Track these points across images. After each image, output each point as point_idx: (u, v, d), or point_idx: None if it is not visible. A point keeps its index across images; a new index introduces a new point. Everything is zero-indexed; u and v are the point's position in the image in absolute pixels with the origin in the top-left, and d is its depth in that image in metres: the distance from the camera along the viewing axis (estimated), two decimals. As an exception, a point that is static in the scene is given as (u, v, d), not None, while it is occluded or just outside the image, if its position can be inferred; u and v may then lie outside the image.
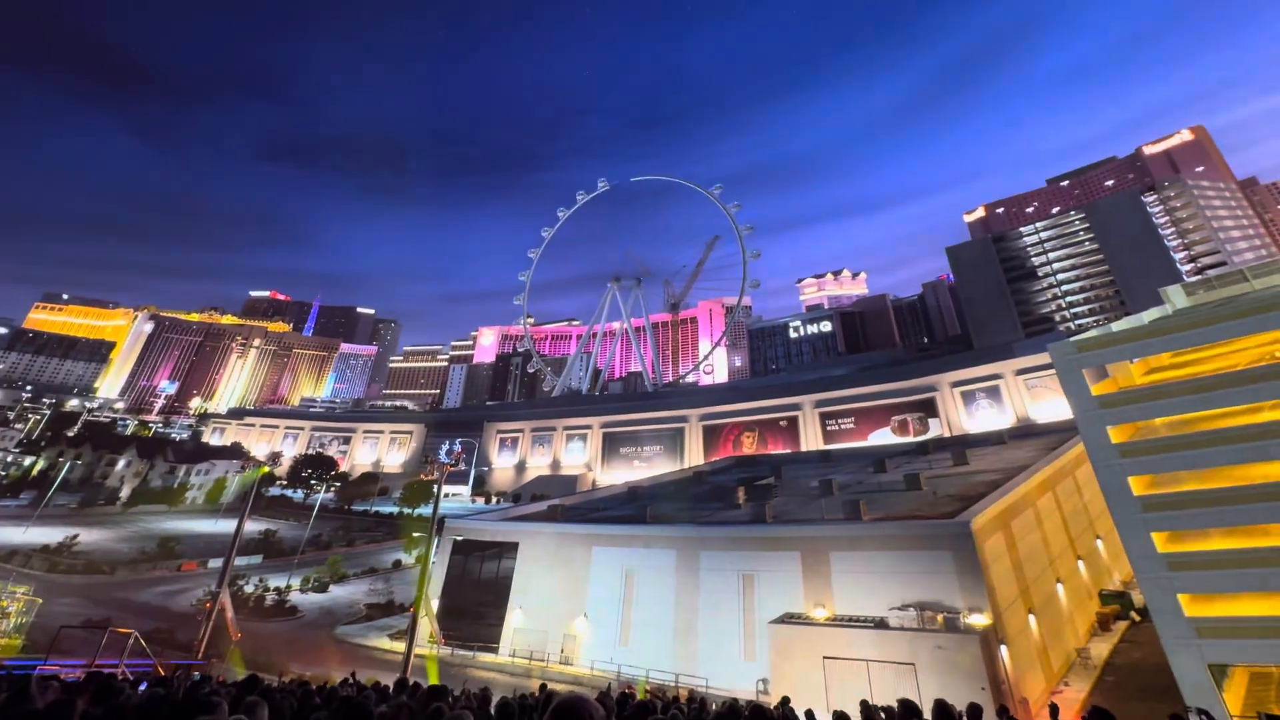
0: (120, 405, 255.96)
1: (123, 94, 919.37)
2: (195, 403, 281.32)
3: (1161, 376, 27.71)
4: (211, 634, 29.74)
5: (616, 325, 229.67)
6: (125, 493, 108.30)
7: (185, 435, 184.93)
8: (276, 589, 55.02)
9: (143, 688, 10.80)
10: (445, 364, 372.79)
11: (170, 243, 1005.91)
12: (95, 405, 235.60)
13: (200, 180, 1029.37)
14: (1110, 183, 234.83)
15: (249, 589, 54.00)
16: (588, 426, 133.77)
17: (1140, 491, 22.89)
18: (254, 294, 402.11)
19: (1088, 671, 30.00)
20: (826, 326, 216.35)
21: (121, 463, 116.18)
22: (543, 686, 22.51)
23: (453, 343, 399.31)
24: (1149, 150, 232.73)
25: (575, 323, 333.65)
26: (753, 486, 53.38)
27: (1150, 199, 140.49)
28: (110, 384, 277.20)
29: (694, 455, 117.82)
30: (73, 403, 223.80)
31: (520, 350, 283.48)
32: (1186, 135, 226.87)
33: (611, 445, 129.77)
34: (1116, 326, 27.38)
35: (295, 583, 59.33)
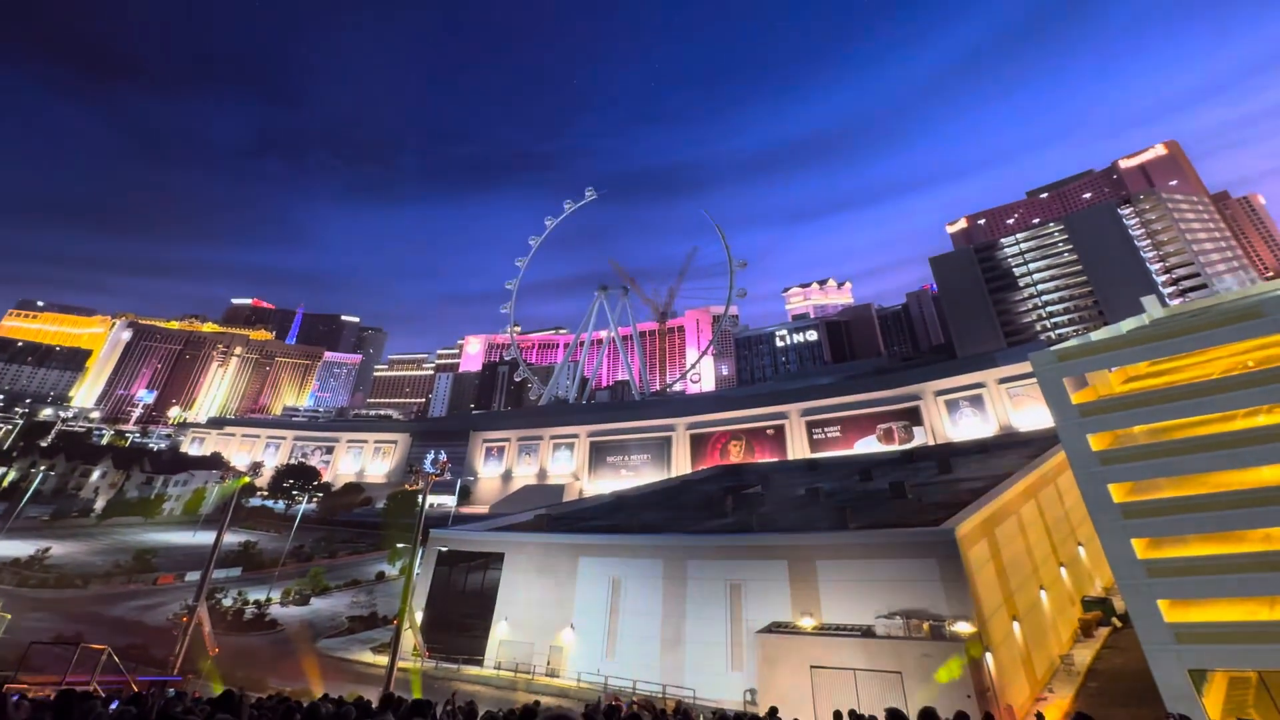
0: (96, 415, 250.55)
1: (101, 85, 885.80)
2: (174, 412, 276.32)
3: (1139, 385, 28.21)
4: (188, 649, 29.02)
5: (604, 334, 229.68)
6: (100, 504, 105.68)
7: (163, 445, 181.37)
8: (256, 602, 53.90)
9: (114, 706, 10.50)
10: (431, 373, 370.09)
11: (151, 241, 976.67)
12: (70, 415, 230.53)
13: (183, 176, 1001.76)
14: (1088, 195, 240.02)
15: (227, 602, 52.84)
16: (575, 436, 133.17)
17: (1120, 498, 23.22)
18: (236, 301, 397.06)
19: (1071, 678, 30.24)
20: (812, 335, 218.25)
21: (96, 473, 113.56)
22: (536, 703, 22.26)
23: (438, 351, 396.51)
24: (1124, 164, 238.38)
25: (562, 331, 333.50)
26: (740, 495, 53.39)
27: (1126, 211, 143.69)
28: (86, 393, 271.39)
29: (681, 464, 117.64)
30: (47, 412, 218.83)
31: (507, 359, 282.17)
32: (1160, 150, 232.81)
33: (599, 454, 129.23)
34: (1096, 336, 27.87)
35: (275, 595, 58.21)
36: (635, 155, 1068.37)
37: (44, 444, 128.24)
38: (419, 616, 41.19)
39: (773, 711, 17.53)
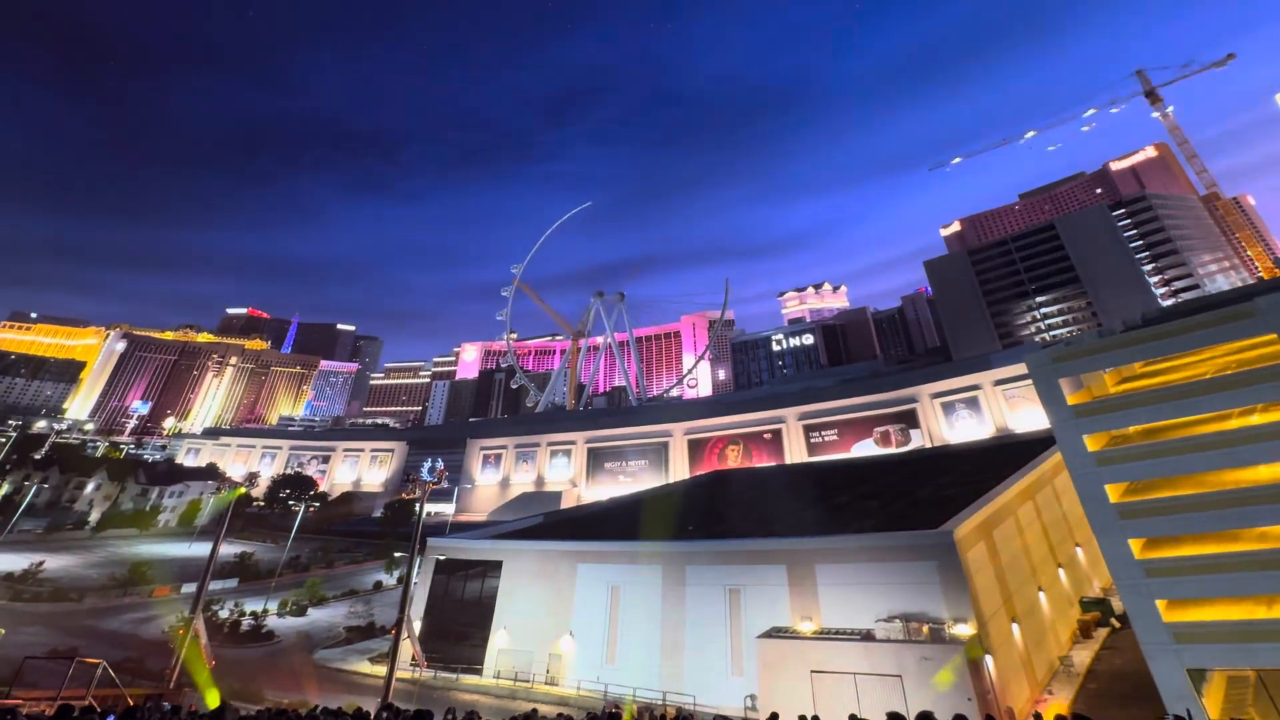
0: (90, 426, 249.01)
1: (86, 73, 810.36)
2: (169, 423, 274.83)
3: (1133, 385, 28.37)
4: (183, 662, 28.82)
5: (600, 340, 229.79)
6: (95, 516, 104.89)
7: (158, 456, 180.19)
8: (253, 613, 53.55)
9: None
10: (427, 381, 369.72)
11: (142, 244, 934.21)
12: (64, 427, 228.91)
13: (173, 175, 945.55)
14: (1081, 198, 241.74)
15: (224, 614, 52.39)
16: (572, 442, 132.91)
17: (1116, 499, 23.31)
18: (231, 311, 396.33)
19: (1071, 679, 30.24)
20: (808, 339, 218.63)
21: (91, 485, 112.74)
22: (533, 711, 22.16)
23: (435, 359, 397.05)
24: (1115, 166, 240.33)
25: (559, 338, 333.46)
26: (738, 500, 53.38)
27: (1118, 214, 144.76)
28: (80, 405, 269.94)
29: (679, 469, 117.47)
30: (40, 424, 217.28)
31: (504, 366, 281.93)
32: (1151, 152, 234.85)
33: (596, 461, 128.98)
34: (1090, 337, 28.02)
35: (272, 606, 57.82)
36: (653, 144, 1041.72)
37: (38, 456, 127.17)
38: (417, 626, 40.90)
39: (773, 717, 17.50)
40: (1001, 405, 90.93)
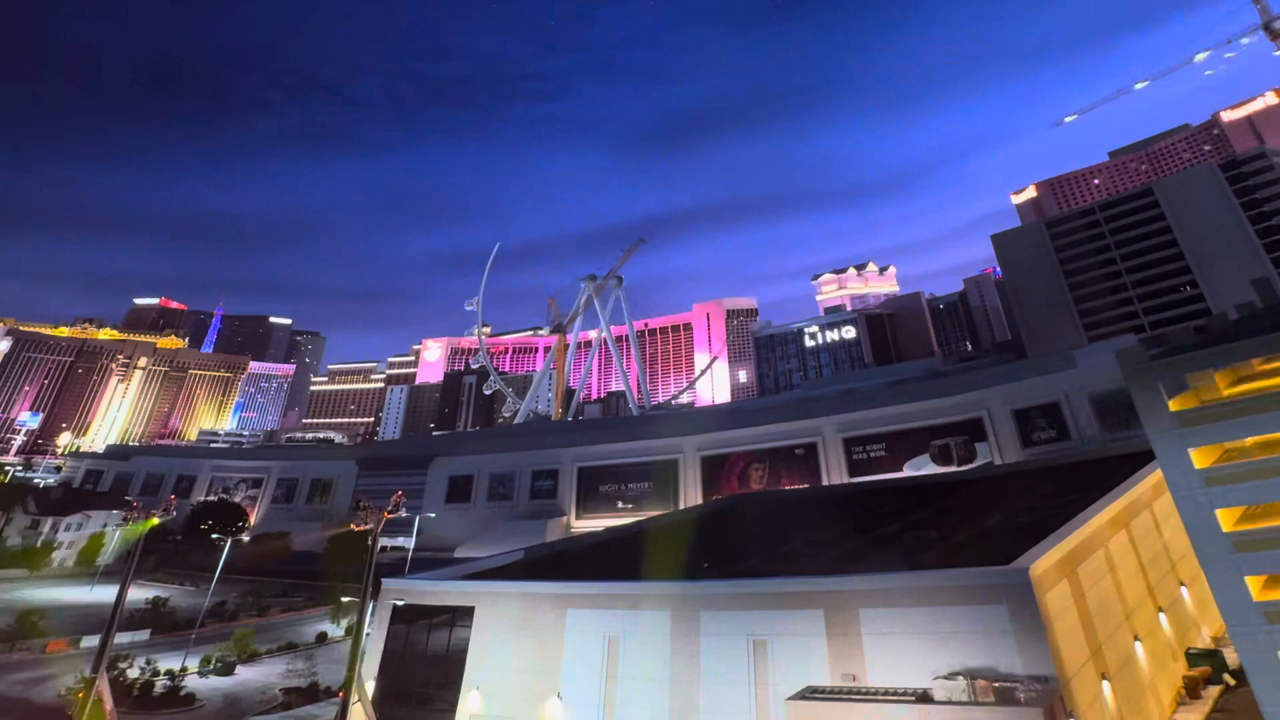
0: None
1: None
2: (65, 439, 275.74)
3: (1251, 387, 28.27)
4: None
5: (594, 335, 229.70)
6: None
7: (52, 480, 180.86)
8: (169, 672, 53.70)
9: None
10: (381, 385, 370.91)
11: (23, 208, 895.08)
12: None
13: (66, 117, 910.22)
14: (1185, 156, 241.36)
15: (133, 673, 52.61)
16: (559, 461, 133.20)
17: (1230, 527, 23.27)
18: (139, 302, 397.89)
19: (1175, 749, 30.22)
20: (850, 332, 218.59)
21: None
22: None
23: (390, 359, 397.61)
24: (1227, 116, 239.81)
25: (541, 332, 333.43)
26: (763, 530, 53.48)
27: (1231, 174, 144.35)
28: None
29: (690, 494, 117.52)
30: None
31: (474, 366, 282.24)
32: (1272, 98, 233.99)
33: (589, 483, 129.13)
34: (1196, 328, 27.92)
35: (192, 664, 57.91)
36: (665, 80, 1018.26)
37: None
38: (370, 687, 41.03)
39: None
40: (1087, 411, 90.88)
